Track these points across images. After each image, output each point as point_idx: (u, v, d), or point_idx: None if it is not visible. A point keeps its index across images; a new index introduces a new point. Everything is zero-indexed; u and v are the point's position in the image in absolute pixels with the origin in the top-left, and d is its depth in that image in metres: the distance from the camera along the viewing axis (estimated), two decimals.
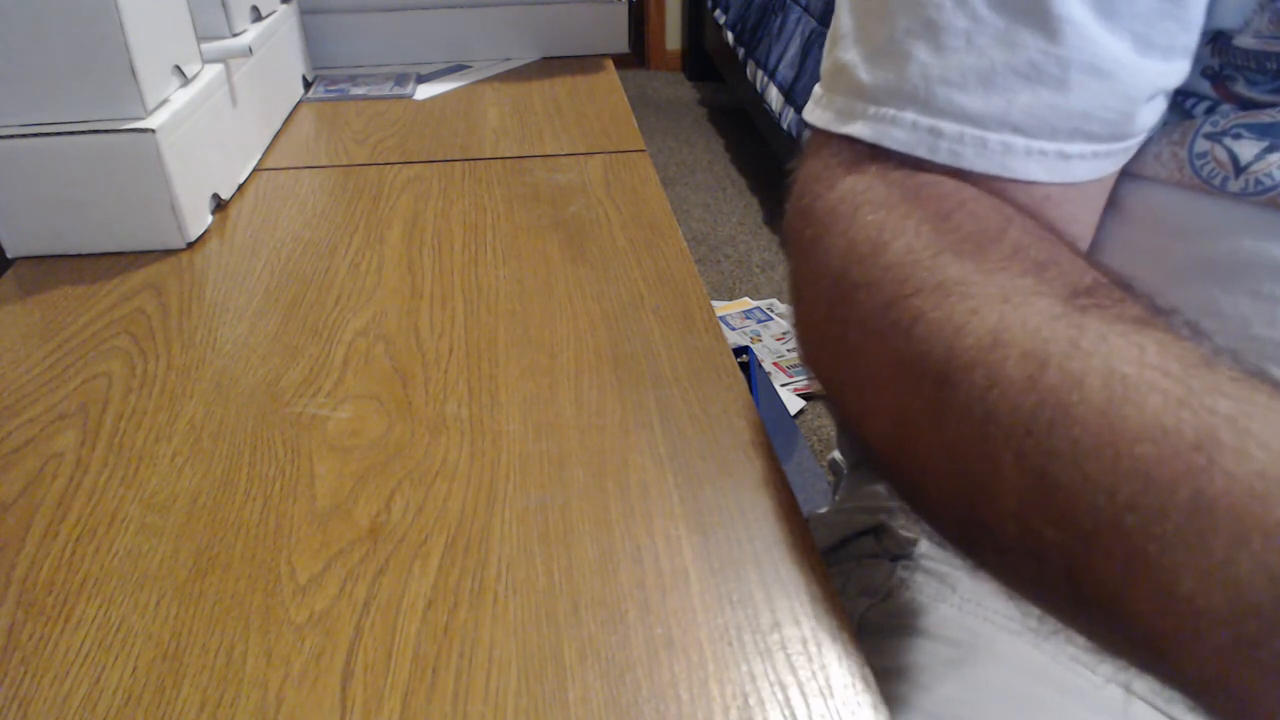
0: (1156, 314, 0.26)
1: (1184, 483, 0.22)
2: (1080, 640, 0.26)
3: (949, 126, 0.32)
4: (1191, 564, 0.21)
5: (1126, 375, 0.24)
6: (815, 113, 0.37)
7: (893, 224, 0.31)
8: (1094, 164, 0.33)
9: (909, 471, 0.30)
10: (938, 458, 0.27)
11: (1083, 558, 0.23)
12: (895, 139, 0.33)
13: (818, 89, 0.38)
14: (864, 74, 0.35)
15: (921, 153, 0.33)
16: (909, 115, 0.33)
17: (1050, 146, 0.32)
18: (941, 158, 0.33)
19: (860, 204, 0.33)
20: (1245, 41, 0.32)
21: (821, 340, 0.33)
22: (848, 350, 0.31)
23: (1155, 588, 0.22)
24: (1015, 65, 0.31)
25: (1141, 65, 0.31)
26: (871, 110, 0.34)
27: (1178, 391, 0.23)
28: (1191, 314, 0.27)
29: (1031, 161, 0.32)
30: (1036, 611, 0.27)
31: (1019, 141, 0.32)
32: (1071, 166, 0.33)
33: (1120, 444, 0.23)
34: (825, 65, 0.38)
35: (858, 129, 0.34)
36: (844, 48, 0.36)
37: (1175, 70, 0.32)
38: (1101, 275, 0.28)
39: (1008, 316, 0.27)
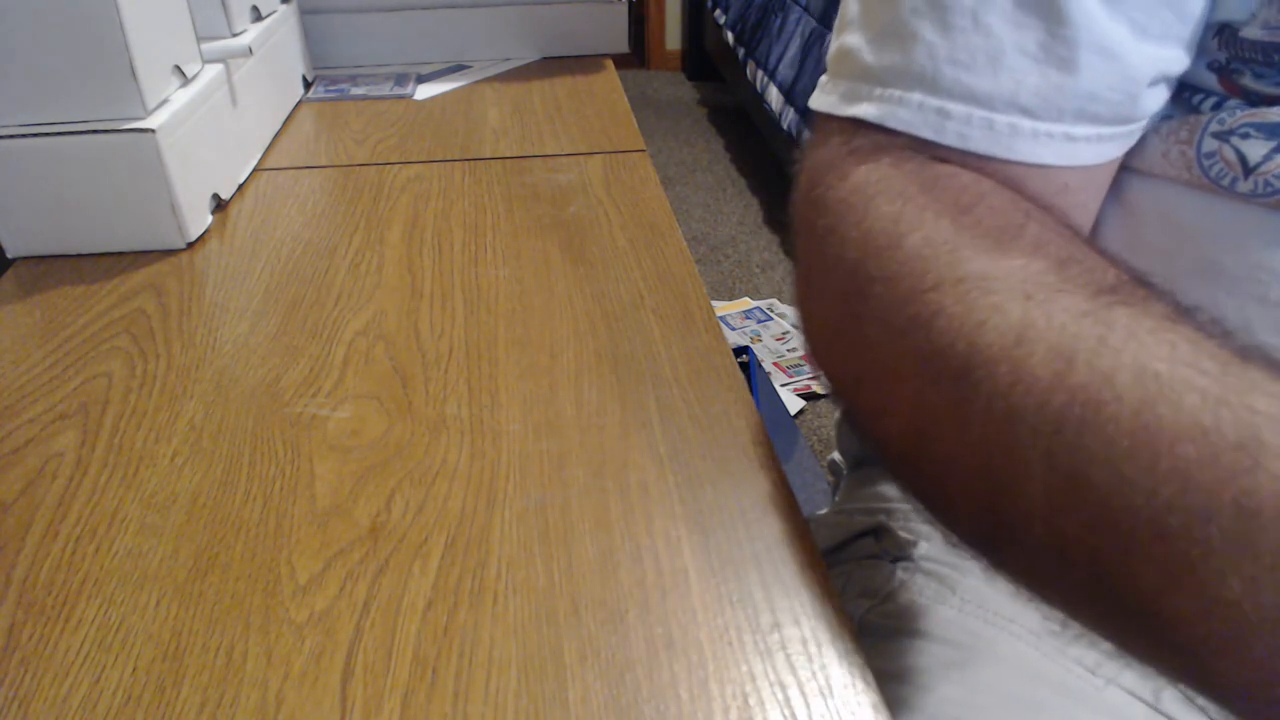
0: (1182, 311, 0.26)
1: (1228, 484, 0.21)
2: (1105, 645, 0.25)
3: (956, 108, 0.32)
4: (1238, 568, 0.21)
5: (1159, 373, 0.23)
6: (819, 98, 0.37)
7: (910, 216, 0.31)
8: (1099, 147, 0.33)
9: (927, 469, 0.29)
10: (959, 456, 0.27)
11: (1118, 560, 0.23)
12: (901, 119, 0.33)
13: (823, 77, 0.38)
14: (869, 56, 0.34)
15: (927, 134, 0.32)
16: (916, 96, 0.33)
17: (1057, 129, 0.32)
18: (948, 139, 0.32)
19: (875, 194, 0.32)
20: (1253, 33, 0.31)
21: (834, 334, 0.33)
22: (863, 345, 0.31)
23: (1198, 592, 0.21)
24: (1024, 45, 0.31)
25: (1142, 48, 0.31)
26: (878, 91, 0.34)
27: (1215, 390, 0.22)
28: None
29: (1038, 144, 0.32)
30: (1058, 615, 0.26)
31: (1026, 123, 0.32)
32: (1077, 149, 0.33)
33: (1159, 444, 0.22)
34: (831, 53, 0.38)
35: (863, 110, 0.34)
36: (849, 32, 0.36)
37: (1173, 57, 0.32)
38: (1123, 272, 0.28)
39: (1032, 312, 0.26)
